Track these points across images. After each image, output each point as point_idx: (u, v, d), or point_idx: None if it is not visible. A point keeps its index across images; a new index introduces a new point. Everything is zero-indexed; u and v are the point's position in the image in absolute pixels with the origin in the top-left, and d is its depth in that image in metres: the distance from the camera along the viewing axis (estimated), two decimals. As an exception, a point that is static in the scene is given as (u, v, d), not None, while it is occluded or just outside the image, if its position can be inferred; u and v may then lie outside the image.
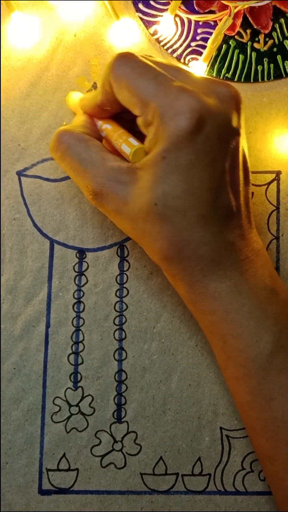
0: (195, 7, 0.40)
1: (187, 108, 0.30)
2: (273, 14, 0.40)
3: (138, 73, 0.32)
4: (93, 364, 0.38)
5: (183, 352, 0.38)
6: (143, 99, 0.32)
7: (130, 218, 0.33)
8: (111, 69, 0.33)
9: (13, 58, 0.40)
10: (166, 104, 0.31)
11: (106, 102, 0.35)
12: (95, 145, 0.34)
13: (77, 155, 0.34)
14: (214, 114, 0.31)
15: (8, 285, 0.39)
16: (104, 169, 0.33)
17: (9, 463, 0.37)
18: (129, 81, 0.32)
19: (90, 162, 0.33)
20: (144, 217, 0.32)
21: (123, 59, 0.33)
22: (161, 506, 0.37)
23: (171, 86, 0.31)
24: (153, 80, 0.32)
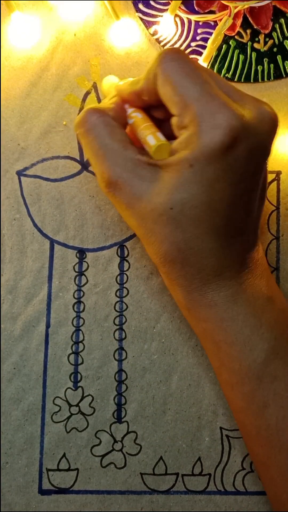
0: (195, 7, 0.40)
1: (227, 124, 0.30)
2: (273, 14, 0.40)
3: (186, 73, 0.31)
4: (93, 364, 0.38)
5: (183, 352, 0.38)
6: (185, 99, 0.31)
7: (140, 215, 0.32)
8: (160, 61, 0.32)
9: (13, 58, 0.40)
10: (207, 112, 0.30)
11: (145, 91, 0.33)
12: (120, 133, 0.33)
13: (101, 137, 0.33)
14: (251, 135, 0.31)
15: (8, 285, 0.39)
16: (124, 159, 0.32)
17: (9, 463, 0.37)
18: (175, 78, 0.31)
19: (111, 149, 0.32)
20: (156, 218, 0.31)
21: (174, 54, 0.32)
22: (161, 506, 0.37)
23: (217, 96, 0.31)
24: (200, 84, 0.31)
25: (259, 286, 0.33)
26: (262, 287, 0.33)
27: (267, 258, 0.39)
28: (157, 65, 0.32)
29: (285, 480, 0.31)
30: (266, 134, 0.32)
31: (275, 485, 0.32)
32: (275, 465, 0.32)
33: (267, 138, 0.32)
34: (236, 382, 0.33)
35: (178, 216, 0.31)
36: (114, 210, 0.39)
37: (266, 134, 0.32)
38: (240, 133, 0.30)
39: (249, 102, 0.32)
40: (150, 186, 0.31)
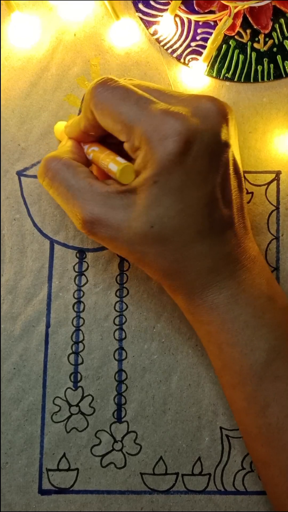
0: (195, 7, 0.40)
1: (173, 131, 0.30)
2: (273, 14, 0.40)
3: (119, 98, 0.32)
4: (93, 364, 0.38)
5: (183, 352, 0.38)
6: (127, 124, 0.31)
7: (126, 243, 0.32)
8: (91, 96, 0.32)
9: (13, 58, 0.40)
10: (151, 128, 0.31)
11: (89, 128, 0.34)
12: (83, 171, 0.34)
13: (65, 181, 0.33)
14: (201, 133, 0.31)
15: (8, 285, 0.39)
16: (93, 195, 0.32)
17: (9, 463, 0.37)
18: (111, 107, 0.32)
19: (78, 189, 0.33)
20: (141, 241, 0.32)
21: (102, 85, 0.32)
22: (161, 506, 0.37)
23: (155, 109, 0.31)
24: (135, 104, 0.31)
25: (258, 285, 0.33)
26: (262, 286, 0.33)
27: (267, 258, 0.39)
28: (90, 100, 0.32)
29: (286, 479, 0.31)
30: (216, 126, 0.32)
31: (275, 484, 0.32)
32: (276, 464, 0.32)
33: (218, 130, 0.32)
34: (238, 382, 0.33)
35: (160, 231, 0.31)
36: (114, 210, 0.39)
37: (216, 126, 0.32)
38: (189, 135, 0.31)
39: (189, 102, 0.32)
40: (126, 213, 0.32)
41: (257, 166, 0.40)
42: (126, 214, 0.32)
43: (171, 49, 0.40)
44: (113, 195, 0.32)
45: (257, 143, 0.40)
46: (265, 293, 0.33)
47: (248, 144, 0.40)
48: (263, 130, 0.40)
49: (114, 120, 0.32)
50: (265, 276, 0.34)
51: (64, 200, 0.33)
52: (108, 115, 0.32)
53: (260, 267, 0.34)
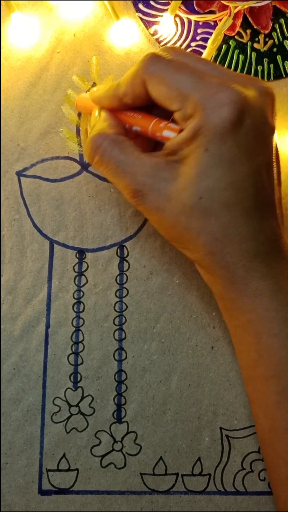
0: (195, 7, 0.40)
1: (230, 100, 0.30)
2: (273, 14, 0.40)
3: (175, 68, 0.32)
4: (93, 364, 0.38)
5: (182, 352, 0.38)
6: (182, 92, 0.31)
7: (172, 215, 0.32)
8: (144, 66, 0.32)
9: (12, 58, 0.40)
10: (207, 96, 0.31)
11: (129, 95, 0.34)
12: (129, 145, 0.34)
13: (115, 157, 0.33)
14: (253, 107, 0.31)
15: (8, 286, 0.39)
16: (143, 168, 0.33)
17: (9, 463, 0.37)
18: (167, 76, 0.32)
19: (128, 163, 0.33)
20: (188, 213, 0.32)
21: (157, 57, 0.33)
22: (161, 506, 0.37)
23: (211, 80, 0.31)
24: (192, 74, 0.32)
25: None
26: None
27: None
28: (143, 70, 0.33)
29: None
30: (267, 107, 0.32)
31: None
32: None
33: (268, 111, 0.32)
34: (274, 375, 0.32)
35: (209, 204, 0.31)
36: (113, 210, 0.39)
37: (266, 107, 0.32)
38: (244, 106, 0.31)
39: (244, 80, 0.33)
40: (175, 184, 0.32)
41: (257, 167, 0.40)
42: (175, 184, 0.32)
43: (171, 49, 0.40)
44: (162, 165, 0.32)
45: (257, 143, 0.40)
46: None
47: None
48: (263, 130, 0.40)
49: (169, 87, 0.32)
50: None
51: (115, 175, 0.34)
52: (163, 82, 0.32)
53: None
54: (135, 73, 0.33)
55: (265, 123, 0.32)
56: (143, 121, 0.34)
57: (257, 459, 0.37)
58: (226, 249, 0.32)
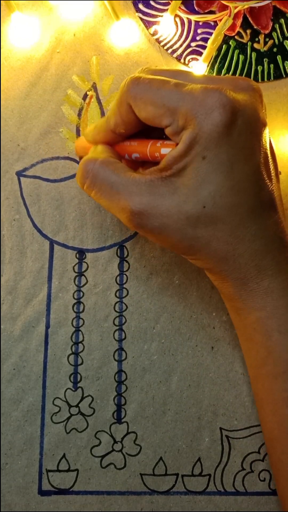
0: (195, 7, 0.40)
1: (219, 103, 0.30)
2: (273, 14, 0.40)
3: (156, 86, 0.32)
4: (93, 365, 0.38)
5: (182, 353, 0.38)
6: (170, 107, 0.31)
7: (177, 229, 0.32)
8: (126, 91, 0.32)
9: (12, 58, 0.40)
10: (196, 104, 0.31)
11: (120, 124, 0.34)
12: (122, 166, 0.33)
13: (107, 179, 0.33)
14: (243, 107, 0.31)
15: (8, 286, 0.39)
16: (138, 187, 0.32)
17: (9, 463, 0.37)
18: (150, 95, 0.32)
19: (122, 183, 0.32)
20: (194, 223, 0.31)
21: (137, 80, 0.32)
22: (161, 506, 0.37)
23: (196, 88, 0.31)
24: (175, 87, 0.31)
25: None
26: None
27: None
28: (126, 95, 0.32)
29: None
30: (256, 103, 0.32)
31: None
32: None
33: (257, 107, 0.32)
34: (283, 371, 0.33)
35: (213, 210, 0.31)
36: (114, 211, 0.39)
37: (255, 103, 0.32)
38: (234, 107, 0.31)
39: (227, 82, 0.33)
40: (174, 198, 0.31)
41: (257, 167, 0.40)
42: (175, 199, 0.31)
43: (171, 49, 0.40)
44: (157, 182, 0.32)
45: (257, 143, 0.40)
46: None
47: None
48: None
49: (156, 105, 0.32)
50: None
51: (108, 198, 0.33)
52: (149, 102, 0.32)
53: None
54: (119, 101, 0.33)
55: (257, 119, 0.32)
56: (140, 147, 0.34)
57: (257, 460, 0.37)
58: (238, 251, 0.32)
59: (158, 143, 0.33)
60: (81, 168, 0.34)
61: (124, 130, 0.34)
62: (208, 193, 0.31)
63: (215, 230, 0.31)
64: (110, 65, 0.40)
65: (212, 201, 0.31)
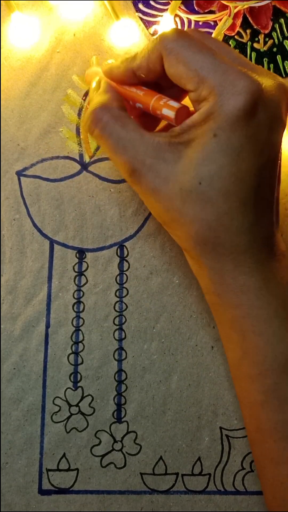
0: (195, 7, 0.40)
1: (247, 89, 0.30)
2: (273, 14, 0.40)
3: (196, 49, 0.31)
4: (93, 364, 0.38)
5: (182, 352, 0.38)
6: (200, 74, 0.31)
7: (167, 198, 0.31)
8: (164, 41, 0.32)
9: (12, 58, 0.40)
10: (225, 81, 0.30)
11: (144, 69, 0.33)
12: (131, 122, 0.33)
13: (115, 133, 0.32)
14: (269, 100, 0.31)
15: (8, 286, 0.39)
16: (145, 147, 0.32)
17: (9, 463, 0.37)
18: (186, 56, 0.31)
19: (129, 140, 0.32)
20: (185, 197, 0.31)
21: (178, 34, 0.32)
22: (161, 506, 0.37)
23: (231, 66, 0.31)
24: (212, 57, 0.31)
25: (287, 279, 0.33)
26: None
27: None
28: (162, 46, 0.32)
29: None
30: (282, 102, 0.32)
31: (282, 483, 0.32)
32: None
33: (282, 106, 0.32)
34: (258, 373, 0.32)
35: (207, 190, 0.31)
36: (113, 210, 0.39)
37: (281, 102, 0.32)
38: (260, 98, 0.30)
39: (262, 72, 0.32)
40: (175, 166, 0.31)
41: (257, 166, 0.40)
42: (176, 167, 0.31)
43: (171, 49, 0.40)
44: (165, 146, 0.32)
45: (257, 143, 0.40)
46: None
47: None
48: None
49: (187, 67, 0.31)
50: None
51: (114, 151, 0.33)
52: (182, 61, 0.31)
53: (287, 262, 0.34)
54: (153, 47, 0.32)
55: (278, 118, 0.32)
56: (145, 98, 0.34)
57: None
58: (219, 239, 0.31)
59: (162, 100, 0.33)
60: (91, 115, 0.33)
61: (144, 76, 0.34)
62: (207, 171, 0.30)
63: (202, 210, 0.31)
64: (110, 65, 0.40)
65: (209, 180, 0.30)
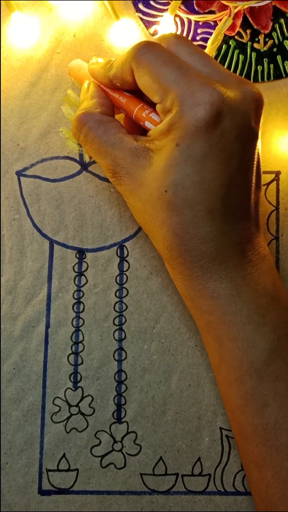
0: (195, 7, 0.40)
1: (208, 100, 0.31)
2: (273, 14, 0.40)
3: (162, 61, 0.32)
4: (93, 364, 0.38)
5: (182, 353, 0.38)
6: (164, 86, 0.32)
7: (142, 200, 0.33)
8: (134, 53, 0.33)
9: (12, 58, 0.40)
10: (186, 92, 0.31)
11: (118, 79, 0.35)
12: (114, 126, 0.34)
13: (98, 137, 0.34)
14: (234, 111, 0.31)
15: (8, 286, 0.39)
16: (122, 151, 0.33)
17: (9, 463, 0.37)
18: (152, 68, 0.32)
19: (110, 144, 0.34)
20: (154, 203, 0.32)
21: (148, 47, 0.33)
22: (161, 506, 0.37)
23: (194, 77, 0.31)
24: (177, 69, 0.32)
25: (263, 283, 0.33)
26: (267, 285, 0.33)
27: (267, 258, 0.39)
28: (132, 58, 0.33)
29: (279, 480, 0.31)
30: (251, 112, 0.32)
31: (267, 485, 0.32)
32: (270, 465, 0.31)
33: (252, 117, 0.32)
34: (236, 379, 0.32)
35: (172, 198, 0.31)
36: (113, 210, 0.39)
37: (250, 112, 0.32)
38: (223, 108, 0.31)
39: (233, 82, 0.33)
40: (147, 172, 0.32)
41: (257, 166, 0.40)
42: (148, 173, 0.32)
43: (171, 49, 0.40)
44: (140, 152, 0.33)
45: (257, 143, 0.40)
46: (270, 292, 0.33)
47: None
48: (263, 130, 0.40)
49: (152, 79, 0.32)
50: (272, 276, 0.33)
51: (98, 154, 0.35)
52: (148, 74, 0.32)
53: (268, 267, 0.34)
54: (125, 58, 0.34)
55: (246, 127, 0.32)
56: (127, 106, 0.35)
57: (257, 459, 0.37)
58: (185, 246, 0.32)
59: (144, 112, 0.34)
60: (76, 121, 0.35)
61: (120, 85, 0.35)
62: (172, 180, 0.31)
63: (169, 218, 0.32)
64: (110, 65, 0.40)
65: (173, 189, 0.31)
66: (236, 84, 0.33)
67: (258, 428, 0.32)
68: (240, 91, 0.32)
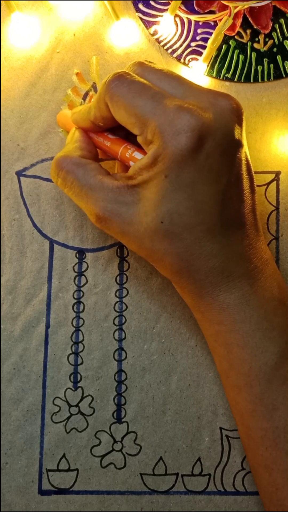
0: (195, 7, 0.40)
1: (187, 127, 0.30)
2: (273, 14, 0.40)
3: (134, 92, 0.32)
4: (93, 364, 0.38)
5: (182, 352, 0.38)
6: (141, 118, 0.31)
7: (136, 238, 0.32)
8: (107, 89, 0.33)
9: (12, 58, 0.40)
10: (165, 122, 0.31)
11: (100, 119, 0.34)
12: (93, 168, 0.34)
13: (77, 180, 0.34)
14: (214, 130, 0.31)
15: (8, 286, 0.39)
16: (104, 193, 0.33)
17: (9, 463, 0.37)
18: (126, 101, 0.32)
19: (90, 187, 0.33)
20: (151, 236, 0.32)
21: (119, 79, 0.32)
22: (161, 506, 0.37)
23: (170, 104, 0.31)
24: (151, 99, 0.31)
25: (270, 288, 0.33)
26: (273, 289, 0.33)
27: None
28: (105, 92, 0.33)
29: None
30: (230, 125, 0.32)
31: (277, 488, 0.32)
32: (281, 468, 0.32)
33: (232, 129, 0.32)
34: (245, 384, 0.33)
35: (170, 227, 0.31)
36: (113, 211, 0.39)
37: (230, 125, 0.32)
38: (203, 132, 0.31)
39: (208, 99, 0.32)
40: (136, 208, 0.32)
41: (257, 167, 0.40)
42: (137, 209, 0.32)
43: (171, 49, 0.40)
44: (123, 190, 0.32)
45: (256, 143, 0.40)
46: (276, 296, 0.33)
47: (248, 144, 0.39)
48: (263, 130, 0.40)
49: (128, 113, 0.32)
50: (276, 279, 0.34)
51: (78, 198, 0.34)
52: (123, 108, 0.32)
53: (272, 270, 0.34)
54: (99, 96, 0.33)
55: (230, 141, 0.32)
56: (112, 148, 0.35)
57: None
58: (193, 267, 0.32)
59: (127, 152, 0.34)
60: (54, 164, 0.35)
61: (103, 124, 0.35)
62: (166, 210, 0.31)
63: (171, 245, 0.32)
64: (110, 65, 0.40)
65: (169, 218, 0.31)
66: (211, 100, 0.32)
67: (267, 431, 0.32)
68: (217, 108, 0.32)
